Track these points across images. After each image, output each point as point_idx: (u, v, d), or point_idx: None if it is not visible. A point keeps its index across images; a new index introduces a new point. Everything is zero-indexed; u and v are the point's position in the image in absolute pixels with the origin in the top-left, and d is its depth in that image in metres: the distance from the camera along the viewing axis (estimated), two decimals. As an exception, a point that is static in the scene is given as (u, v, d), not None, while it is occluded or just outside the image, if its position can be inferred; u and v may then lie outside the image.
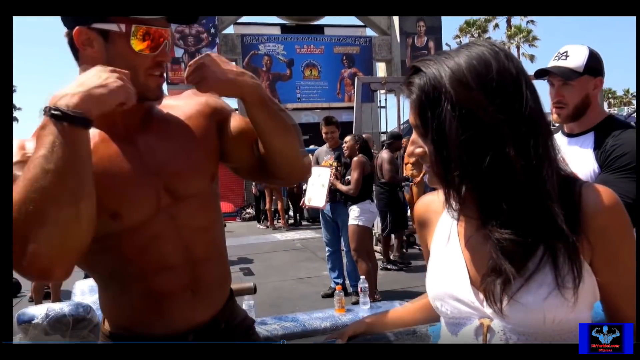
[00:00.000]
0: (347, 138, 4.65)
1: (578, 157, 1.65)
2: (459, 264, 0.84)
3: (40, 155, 0.80)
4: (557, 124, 1.86)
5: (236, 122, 1.17)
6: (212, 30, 16.98)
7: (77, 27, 0.95)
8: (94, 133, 1.00)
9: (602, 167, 1.59)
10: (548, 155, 0.76)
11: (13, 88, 45.78)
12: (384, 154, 5.88)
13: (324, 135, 4.84)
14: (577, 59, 1.68)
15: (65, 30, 0.99)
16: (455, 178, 0.76)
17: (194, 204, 1.07)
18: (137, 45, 0.95)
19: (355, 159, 4.50)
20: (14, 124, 47.10)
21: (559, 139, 1.78)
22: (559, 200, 0.75)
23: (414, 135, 0.82)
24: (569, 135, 1.77)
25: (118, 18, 0.94)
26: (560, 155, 0.80)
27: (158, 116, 1.10)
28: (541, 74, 1.74)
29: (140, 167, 1.02)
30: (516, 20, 30.45)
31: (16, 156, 0.92)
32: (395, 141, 6.05)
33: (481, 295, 0.80)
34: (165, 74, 1.05)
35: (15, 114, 47.04)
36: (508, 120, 0.73)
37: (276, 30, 18.47)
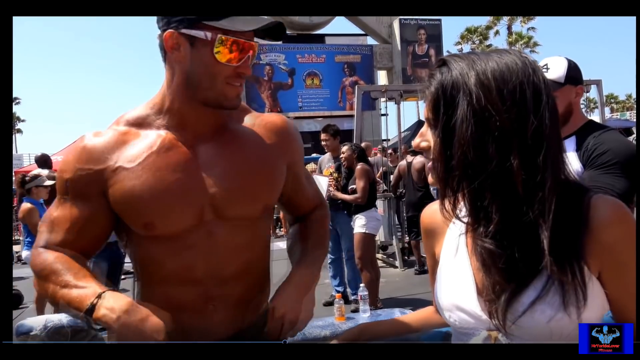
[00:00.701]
0: (344, 148, 4.65)
1: None
2: (466, 275, 0.82)
3: (65, 294, 0.93)
4: None
5: (299, 180, 1.21)
6: (214, 41, 17.07)
7: (168, 31, 0.98)
8: (161, 136, 1.04)
9: (585, 165, 1.65)
10: (555, 174, 0.74)
11: (18, 100, 46.24)
12: (422, 158, 5.89)
13: (322, 142, 4.87)
14: (557, 70, 1.75)
15: (157, 32, 1.02)
16: (455, 177, 0.75)
17: (238, 225, 1.06)
18: (223, 54, 0.97)
19: (359, 167, 4.49)
20: (18, 135, 47.49)
21: None
22: (557, 219, 0.73)
23: (424, 128, 0.82)
24: None
25: (207, 26, 0.96)
26: (569, 167, 0.78)
27: (231, 132, 1.09)
28: None
29: (191, 181, 1.02)
30: (517, 27, 30.58)
31: (62, 188, 1.05)
32: None
33: (489, 306, 0.78)
34: (244, 85, 1.07)
35: (20, 125, 47.45)
36: (519, 132, 0.72)
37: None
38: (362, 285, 3.38)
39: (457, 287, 0.82)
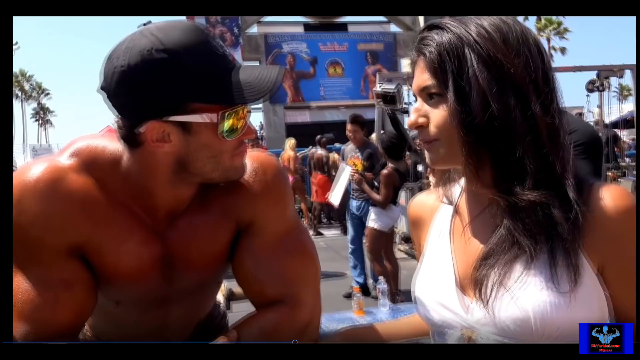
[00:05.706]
0: (373, 136, 4.55)
1: None
2: (446, 263, 0.78)
3: None
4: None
5: (256, 251, 0.97)
6: (236, 31, 17.13)
7: (149, 123, 0.78)
8: (129, 212, 0.90)
9: None
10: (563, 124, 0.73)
11: (48, 94, 47.83)
12: None
13: (347, 133, 4.81)
14: None
15: (114, 117, 0.83)
16: (479, 135, 0.70)
17: (193, 297, 1.04)
18: (228, 130, 0.81)
19: (384, 172, 4.35)
20: (49, 128, 49.21)
21: None
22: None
23: (417, 104, 0.76)
24: None
25: (204, 107, 0.79)
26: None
27: (192, 206, 0.93)
28: None
29: (158, 266, 0.93)
30: (546, 11, 29.77)
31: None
32: None
33: (467, 300, 0.74)
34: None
35: (51, 118, 49.15)
36: (532, 78, 0.70)
37: (299, 29, 18.50)
38: (380, 278, 3.33)
39: (436, 277, 0.78)
